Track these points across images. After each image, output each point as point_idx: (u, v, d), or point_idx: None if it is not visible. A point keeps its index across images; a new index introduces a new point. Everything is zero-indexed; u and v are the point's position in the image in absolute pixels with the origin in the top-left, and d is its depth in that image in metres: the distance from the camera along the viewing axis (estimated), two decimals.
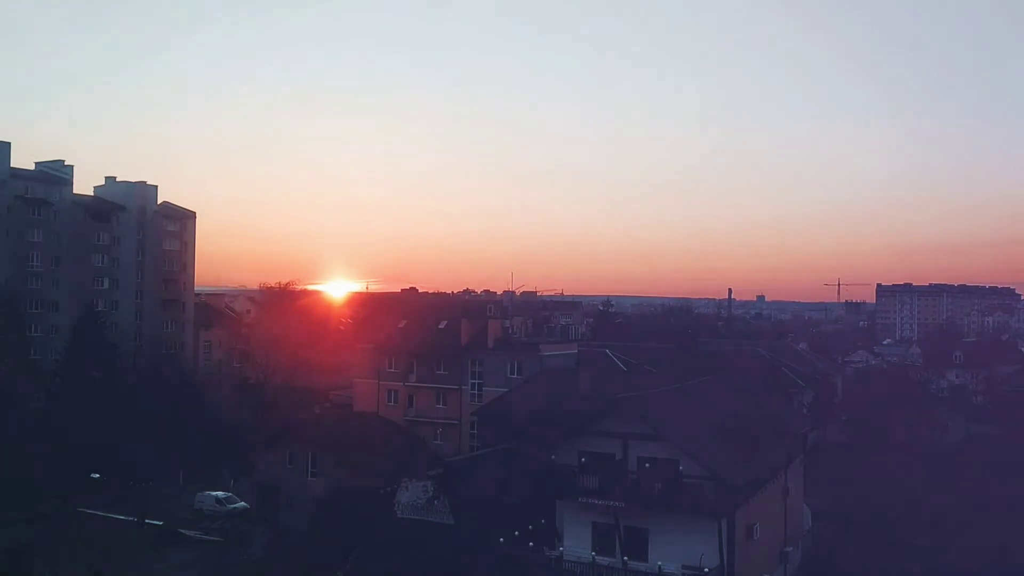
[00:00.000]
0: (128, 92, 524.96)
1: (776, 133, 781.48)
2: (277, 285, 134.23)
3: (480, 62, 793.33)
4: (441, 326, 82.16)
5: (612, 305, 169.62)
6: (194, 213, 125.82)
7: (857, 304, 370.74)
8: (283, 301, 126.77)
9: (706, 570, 35.38)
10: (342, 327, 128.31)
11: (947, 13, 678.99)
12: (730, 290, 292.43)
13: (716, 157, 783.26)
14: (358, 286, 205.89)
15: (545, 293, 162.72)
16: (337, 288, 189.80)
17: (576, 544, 38.51)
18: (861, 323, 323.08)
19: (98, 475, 53.55)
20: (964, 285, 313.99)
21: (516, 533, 39.07)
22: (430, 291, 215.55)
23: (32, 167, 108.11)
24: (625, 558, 36.83)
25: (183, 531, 55.85)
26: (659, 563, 35.91)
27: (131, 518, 56.88)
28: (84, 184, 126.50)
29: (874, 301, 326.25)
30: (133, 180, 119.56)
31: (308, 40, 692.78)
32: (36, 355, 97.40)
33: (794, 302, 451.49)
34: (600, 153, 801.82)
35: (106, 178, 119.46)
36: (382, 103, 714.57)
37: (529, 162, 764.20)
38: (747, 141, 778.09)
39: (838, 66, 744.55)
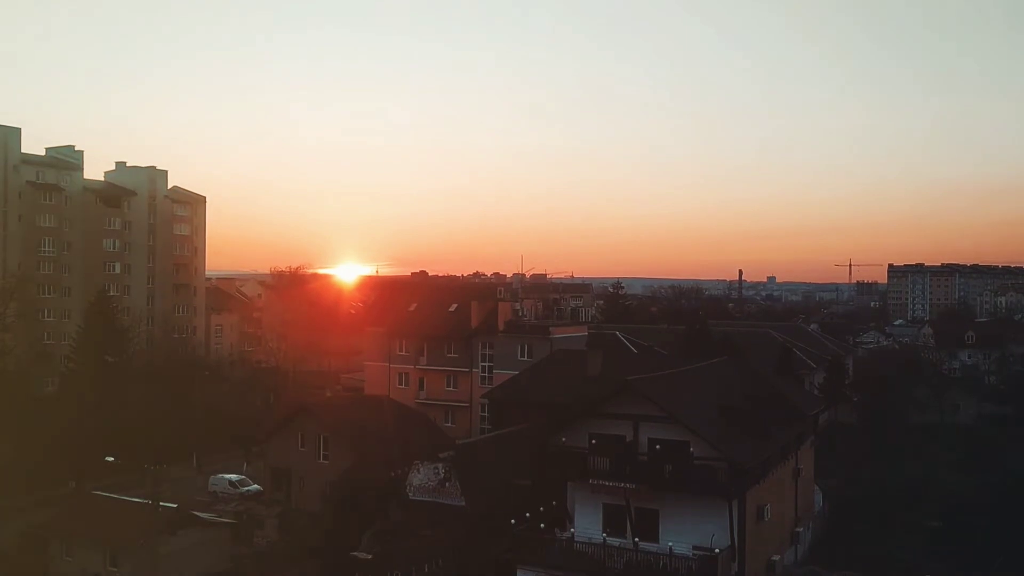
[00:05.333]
0: (138, 77, 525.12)
1: (786, 114, 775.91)
2: (288, 269, 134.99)
3: (490, 45, 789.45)
4: (451, 309, 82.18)
5: (622, 287, 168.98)
6: (204, 198, 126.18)
7: (868, 284, 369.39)
8: (294, 285, 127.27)
9: (717, 551, 35.41)
10: (353, 311, 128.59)
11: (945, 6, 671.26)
12: (740, 271, 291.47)
13: (727, 139, 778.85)
14: (368, 270, 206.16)
15: (555, 275, 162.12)
16: (347, 272, 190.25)
17: (587, 525, 38.60)
18: (873, 303, 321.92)
19: (112, 458, 53.84)
20: (976, 265, 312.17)
21: (527, 515, 39.19)
22: (440, 274, 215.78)
23: (43, 153, 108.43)
24: (636, 539, 36.89)
25: (197, 513, 56.19)
26: (670, 544, 35.94)
27: (145, 500, 57.30)
28: (95, 169, 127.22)
29: (886, 281, 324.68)
30: (143, 165, 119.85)
31: (318, 24, 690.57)
32: (49, 340, 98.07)
33: (805, 283, 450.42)
34: (611, 136, 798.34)
35: (116, 163, 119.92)
36: (392, 87, 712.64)
37: (540, 145, 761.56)
38: (757, 123, 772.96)
39: (847, 48, 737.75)
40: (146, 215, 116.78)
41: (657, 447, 37.43)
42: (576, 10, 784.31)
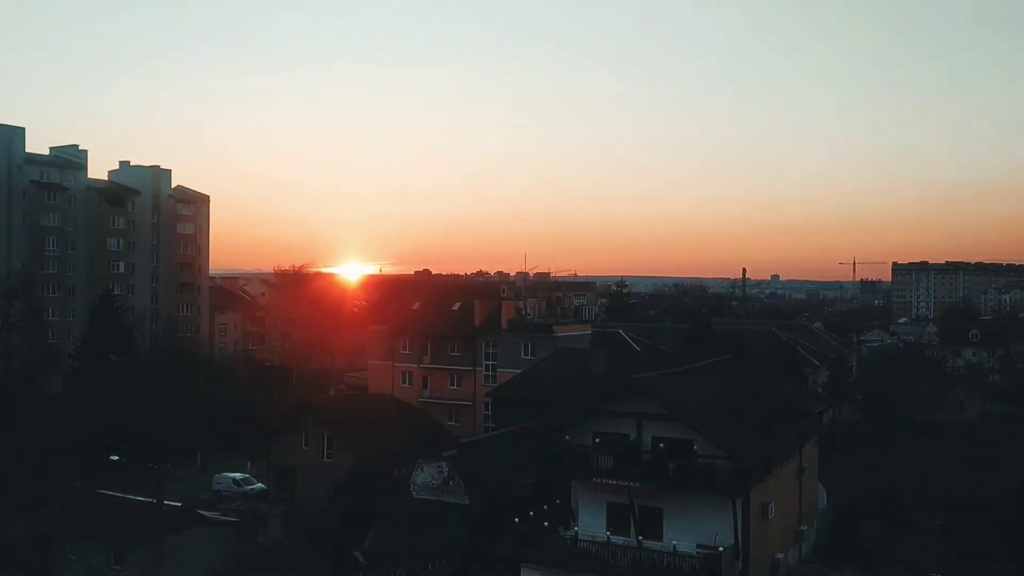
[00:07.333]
0: (141, 77, 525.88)
1: (789, 112, 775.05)
2: (291, 268, 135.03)
3: (494, 41, 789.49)
4: (455, 308, 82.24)
5: (626, 285, 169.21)
6: (208, 197, 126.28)
7: (872, 283, 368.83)
8: (297, 284, 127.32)
9: (720, 549, 35.37)
10: (356, 309, 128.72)
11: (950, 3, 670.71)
12: (744, 269, 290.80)
13: (729, 137, 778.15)
14: (372, 268, 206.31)
15: (558, 274, 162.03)
16: (351, 270, 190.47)
17: (591, 523, 38.59)
18: (876, 302, 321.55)
19: (117, 457, 54.04)
20: (981, 263, 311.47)
21: (531, 513, 39.22)
22: (443, 273, 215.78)
23: (47, 152, 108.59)
24: (640, 537, 36.89)
25: (201, 512, 56.37)
26: (674, 542, 35.92)
27: (150, 499, 57.41)
28: (98, 169, 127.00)
29: (890, 279, 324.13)
30: (147, 164, 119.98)
31: (321, 24, 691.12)
32: (54, 339, 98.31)
33: (809, 281, 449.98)
34: (613, 134, 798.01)
35: (120, 162, 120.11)
36: (395, 86, 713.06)
37: (543, 143, 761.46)
38: (760, 121, 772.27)
39: (851, 45, 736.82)
40: (150, 214, 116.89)
41: (661, 445, 37.39)
42: (581, 5, 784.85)
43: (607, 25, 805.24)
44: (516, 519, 39.05)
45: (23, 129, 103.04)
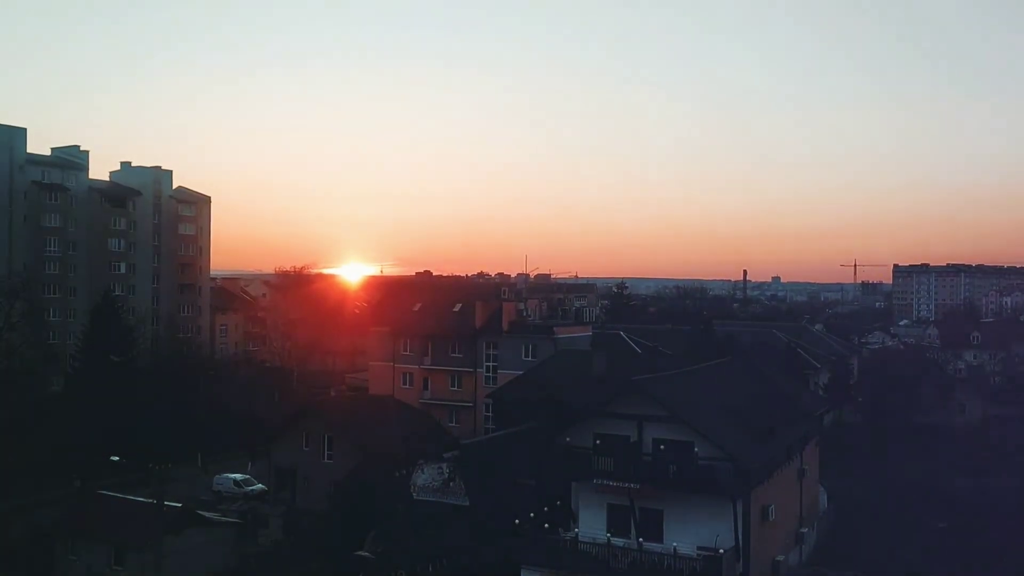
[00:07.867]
0: (143, 77, 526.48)
1: (790, 114, 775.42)
2: (292, 269, 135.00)
3: (495, 44, 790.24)
4: (456, 309, 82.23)
5: (627, 287, 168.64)
6: (209, 197, 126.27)
7: (874, 285, 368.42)
8: (298, 285, 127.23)
9: (721, 551, 35.33)
10: (357, 310, 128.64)
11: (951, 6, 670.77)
12: (745, 271, 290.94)
13: (731, 139, 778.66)
14: (373, 269, 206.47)
15: (559, 275, 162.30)
16: (352, 271, 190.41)
17: (591, 525, 38.58)
18: (878, 304, 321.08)
19: (118, 457, 54.00)
20: (982, 265, 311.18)
21: (532, 515, 39.18)
22: (445, 274, 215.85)
23: (48, 153, 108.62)
24: (640, 539, 36.85)
25: (202, 513, 56.34)
26: (674, 544, 35.90)
27: (150, 500, 57.35)
28: (100, 169, 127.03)
29: (891, 281, 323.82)
30: (148, 165, 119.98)
31: (324, 24, 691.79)
32: (55, 339, 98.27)
33: (810, 283, 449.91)
34: (615, 136, 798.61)
35: (121, 163, 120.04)
36: (397, 86, 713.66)
37: (544, 145, 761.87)
38: (761, 123, 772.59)
39: (853, 48, 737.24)
40: (151, 215, 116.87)
41: (661, 447, 37.38)
42: (581, 10, 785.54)
43: (609, 27, 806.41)
44: (517, 520, 39.03)
45: (24, 130, 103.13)
